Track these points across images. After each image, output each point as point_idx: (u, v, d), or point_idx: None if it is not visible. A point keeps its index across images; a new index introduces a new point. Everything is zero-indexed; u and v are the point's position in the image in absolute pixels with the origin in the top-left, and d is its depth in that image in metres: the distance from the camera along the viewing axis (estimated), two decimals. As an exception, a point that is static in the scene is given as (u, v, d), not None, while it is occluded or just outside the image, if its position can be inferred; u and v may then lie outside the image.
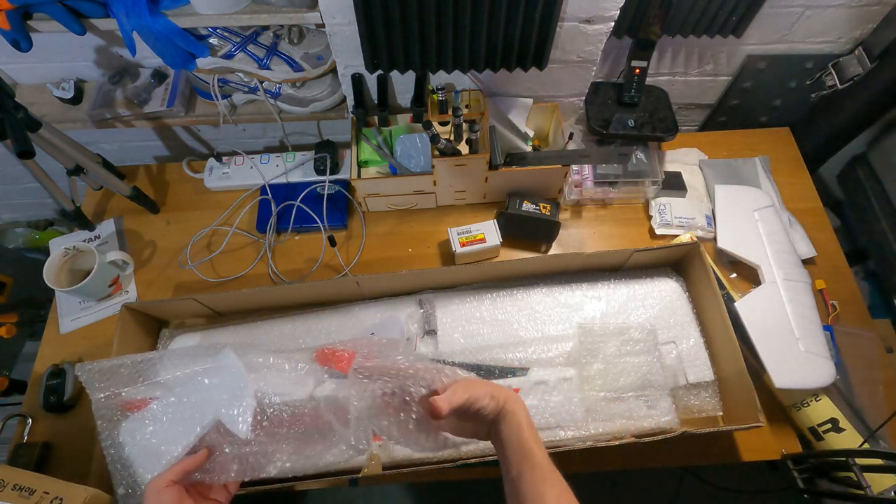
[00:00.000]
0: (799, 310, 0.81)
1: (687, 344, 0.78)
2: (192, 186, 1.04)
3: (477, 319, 0.80)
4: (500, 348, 0.77)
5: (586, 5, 0.74)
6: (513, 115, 0.92)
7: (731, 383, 0.74)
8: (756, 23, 0.89)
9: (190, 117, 0.97)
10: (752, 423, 0.66)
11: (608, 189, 0.96)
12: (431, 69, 0.80)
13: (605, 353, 0.75)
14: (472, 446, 0.71)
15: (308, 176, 1.01)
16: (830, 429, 0.74)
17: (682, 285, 0.83)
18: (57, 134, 0.82)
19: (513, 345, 0.77)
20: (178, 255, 0.96)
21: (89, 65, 0.95)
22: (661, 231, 0.94)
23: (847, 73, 0.94)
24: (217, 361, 0.58)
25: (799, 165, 1.03)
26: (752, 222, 0.90)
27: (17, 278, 1.17)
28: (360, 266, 0.94)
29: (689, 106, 1.13)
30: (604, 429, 0.72)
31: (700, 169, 1.01)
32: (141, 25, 0.72)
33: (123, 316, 0.76)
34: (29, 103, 0.85)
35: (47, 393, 0.81)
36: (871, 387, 0.80)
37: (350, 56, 0.82)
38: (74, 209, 0.90)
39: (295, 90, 0.93)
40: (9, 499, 0.59)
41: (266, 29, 0.86)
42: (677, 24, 0.87)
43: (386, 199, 0.95)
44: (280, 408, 0.56)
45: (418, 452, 0.63)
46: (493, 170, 0.87)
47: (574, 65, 0.86)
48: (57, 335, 0.90)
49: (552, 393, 0.74)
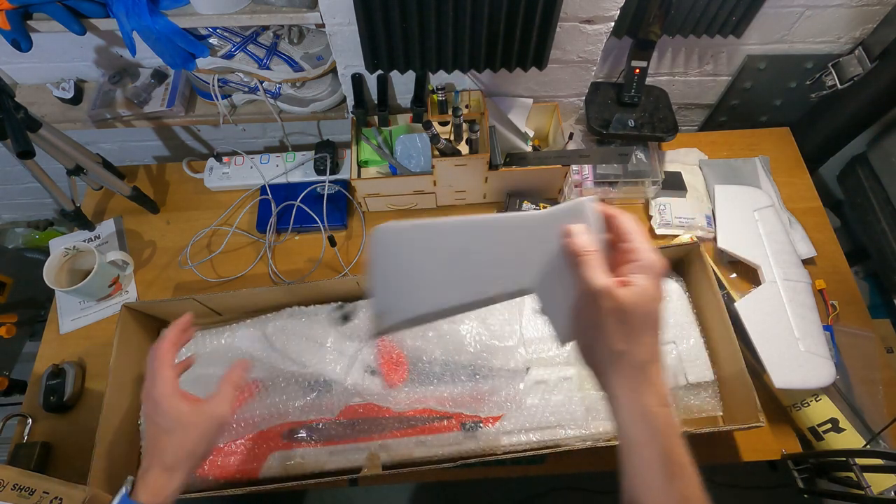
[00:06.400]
0: (799, 310, 0.80)
1: (687, 344, 0.78)
2: (192, 186, 1.04)
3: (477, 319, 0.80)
4: (501, 347, 0.77)
5: (586, 5, 0.74)
6: (513, 115, 0.92)
7: (731, 383, 0.74)
8: (756, 23, 0.89)
9: (190, 117, 0.97)
10: (752, 423, 0.66)
11: (608, 189, 0.96)
12: (431, 69, 0.80)
13: (605, 353, 0.75)
14: (472, 444, 0.71)
15: (308, 176, 1.01)
16: (830, 429, 0.74)
17: (682, 285, 0.83)
18: (57, 134, 0.82)
19: (513, 344, 0.77)
20: (178, 255, 0.96)
21: (89, 65, 0.95)
22: (661, 231, 0.94)
23: (847, 73, 0.94)
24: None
25: (799, 165, 1.03)
26: (752, 222, 0.90)
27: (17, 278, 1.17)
28: (360, 266, 0.94)
29: (689, 106, 1.13)
30: (604, 428, 0.72)
31: (700, 169, 1.01)
32: (141, 25, 0.72)
33: (123, 316, 0.76)
34: (29, 103, 0.85)
35: (47, 393, 0.81)
36: (871, 387, 0.80)
37: (350, 56, 0.82)
38: (74, 209, 0.90)
39: (295, 90, 0.93)
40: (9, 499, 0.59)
41: (266, 29, 0.86)
42: (677, 24, 0.87)
43: (386, 199, 0.95)
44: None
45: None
46: (493, 170, 0.87)
47: (574, 65, 0.86)
48: (57, 335, 0.90)
49: (552, 392, 0.74)
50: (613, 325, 0.36)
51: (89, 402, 0.84)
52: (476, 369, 0.75)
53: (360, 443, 0.72)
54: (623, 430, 0.38)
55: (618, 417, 0.38)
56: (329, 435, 0.73)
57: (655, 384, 0.37)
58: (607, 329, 0.37)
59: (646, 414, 0.36)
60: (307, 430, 0.73)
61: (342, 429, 0.73)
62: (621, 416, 0.38)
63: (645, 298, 0.36)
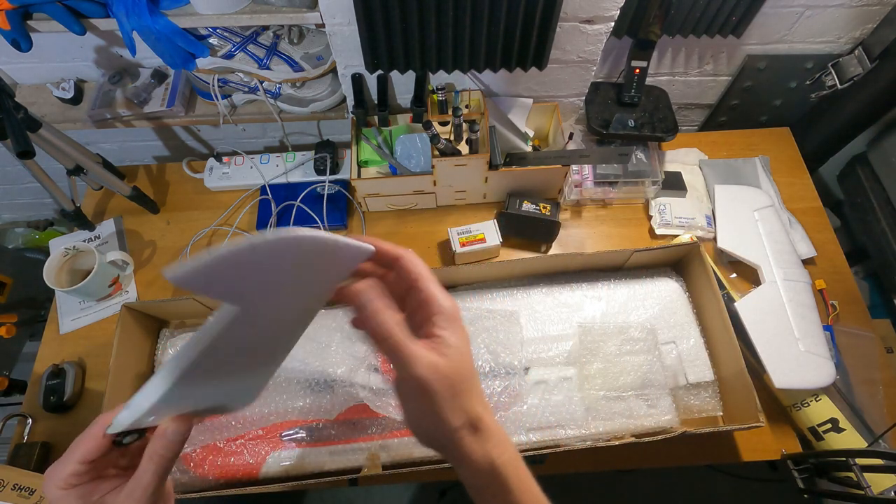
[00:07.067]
0: (799, 310, 0.81)
1: (687, 344, 0.78)
2: (192, 186, 1.04)
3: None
4: (501, 348, 0.77)
5: (586, 5, 0.74)
6: (513, 115, 0.92)
7: (731, 383, 0.74)
8: (756, 23, 0.89)
9: (190, 117, 0.97)
10: (752, 423, 0.66)
11: (608, 189, 0.96)
12: (431, 69, 0.80)
13: (605, 352, 0.75)
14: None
15: (308, 176, 1.01)
16: (830, 429, 0.74)
17: (682, 285, 0.83)
18: (57, 134, 0.82)
19: (513, 344, 0.77)
20: (179, 255, 0.96)
21: (89, 65, 0.95)
22: (661, 231, 0.94)
23: (847, 73, 0.94)
24: None
25: (799, 165, 1.03)
26: (752, 222, 0.90)
27: (17, 278, 1.17)
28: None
29: (689, 106, 1.13)
30: (604, 428, 0.72)
31: (700, 169, 1.01)
32: (141, 25, 0.72)
33: (123, 316, 0.76)
34: (29, 103, 0.85)
35: (47, 393, 0.81)
36: (871, 387, 0.80)
37: (350, 56, 0.82)
38: (74, 209, 0.90)
39: (295, 90, 0.93)
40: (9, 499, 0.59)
41: (266, 29, 0.86)
42: (677, 24, 0.87)
43: (386, 199, 0.95)
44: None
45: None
46: (493, 170, 0.87)
47: (574, 65, 0.86)
48: (57, 335, 0.90)
49: (552, 392, 0.74)
50: (448, 402, 0.33)
51: (89, 402, 0.84)
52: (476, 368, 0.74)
53: (360, 443, 0.72)
54: (475, 490, 0.36)
55: (467, 480, 0.36)
56: (329, 435, 0.73)
57: (493, 431, 0.35)
58: (443, 411, 0.33)
59: (494, 468, 0.34)
60: (307, 430, 0.73)
61: (342, 429, 0.73)
62: (471, 479, 0.35)
63: (463, 356, 0.34)
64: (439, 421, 0.34)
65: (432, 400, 0.33)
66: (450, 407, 0.33)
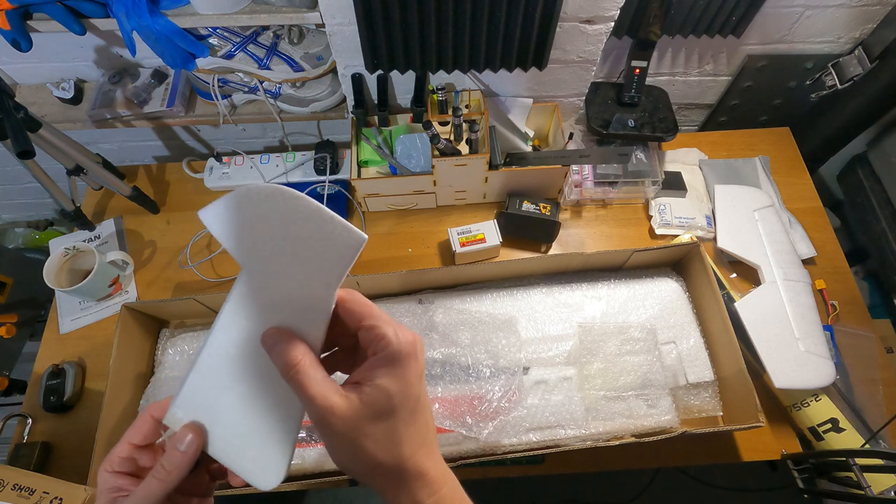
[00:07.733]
0: (799, 310, 0.81)
1: (687, 344, 0.78)
2: (192, 186, 1.04)
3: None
4: (501, 348, 0.77)
5: (586, 5, 0.74)
6: (513, 115, 0.92)
7: (731, 383, 0.74)
8: (756, 23, 0.89)
9: (190, 117, 0.97)
10: (752, 423, 0.66)
11: (608, 189, 0.96)
12: (431, 69, 0.80)
13: (605, 352, 0.75)
14: (472, 444, 0.71)
15: (308, 176, 1.01)
16: (830, 429, 0.74)
17: (682, 285, 0.83)
18: (57, 134, 0.82)
19: (513, 344, 0.77)
20: (178, 255, 0.96)
21: (89, 65, 0.95)
22: (661, 231, 0.94)
23: (847, 73, 0.94)
24: None
25: (799, 165, 1.03)
26: (752, 222, 0.90)
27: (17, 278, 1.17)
28: (360, 266, 0.94)
29: (689, 106, 1.13)
30: (604, 428, 0.72)
31: (700, 169, 1.01)
32: (141, 25, 0.72)
33: (123, 316, 0.76)
34: (29, 103, 0.85)
35: (47, 393, 0.81)
36: (871, 387, 0.80)
37: (350, 56, 0.82)
38: (74, 209, 0.90)
39: (295, 90, 0.93)
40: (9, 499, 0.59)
41: (266, 29, 0.86)
42: (677, 24, 0.87)
43: (386, 199, 0.95)
44: None
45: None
46: (493, 170, 0.87)
47: (574, 65, 0.86)
48: (57, 335, 0.90)
49: (552, 392, 0.74)
50: (348, 444, 0.31)
51: (89, 402, 0.84)
52: (476, 370, 0.75)
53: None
54: None
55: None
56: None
57: (421, 474, 0.32)
58: (344, 452, 0.31)
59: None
60: (307, 430, 0.73)
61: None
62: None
63: (389, 399, 0.31)
64: (346, 461, 0.32)
65: (329, 440, 0.31)
66: (353, 448, 0.31)
